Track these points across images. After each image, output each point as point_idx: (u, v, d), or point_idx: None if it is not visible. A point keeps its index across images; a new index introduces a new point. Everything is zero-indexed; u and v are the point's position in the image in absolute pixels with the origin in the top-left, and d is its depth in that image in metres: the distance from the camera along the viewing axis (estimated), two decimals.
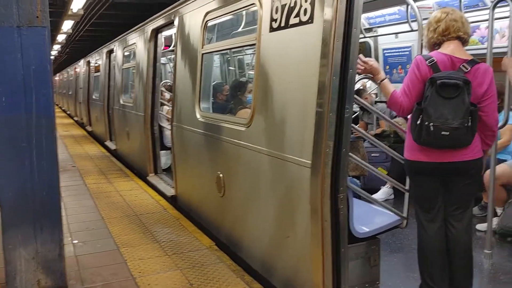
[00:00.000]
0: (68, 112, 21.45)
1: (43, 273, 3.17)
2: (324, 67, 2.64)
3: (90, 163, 8.58)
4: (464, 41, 2.90)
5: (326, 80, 2.62)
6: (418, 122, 2.77)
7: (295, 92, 2.98)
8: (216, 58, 8.03)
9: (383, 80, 3.02)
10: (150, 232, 4.51)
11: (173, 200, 5.65)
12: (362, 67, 3.00)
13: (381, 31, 7.12)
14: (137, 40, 7.46)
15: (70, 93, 19.97)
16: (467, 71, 2.75)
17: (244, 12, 3.95)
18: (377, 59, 7.30)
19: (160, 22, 6.12)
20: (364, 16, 6.31)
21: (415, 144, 2.87)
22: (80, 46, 20.66)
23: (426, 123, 2.72)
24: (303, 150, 2.84)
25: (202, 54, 4.57)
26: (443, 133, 2.68)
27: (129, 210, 5.32)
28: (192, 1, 4.80)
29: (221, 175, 4.10)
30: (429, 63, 2.79)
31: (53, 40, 16.33)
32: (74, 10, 9.90)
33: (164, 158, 6.91)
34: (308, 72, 2.81)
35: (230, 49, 4.81)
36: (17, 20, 2.92)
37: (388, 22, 6.51)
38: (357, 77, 2.95)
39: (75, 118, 18.12)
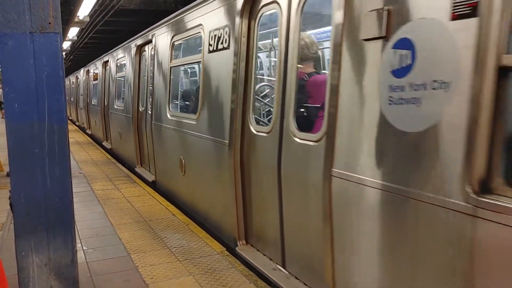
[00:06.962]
0: (70, 118, 22.65)
1: (56, 279, 3.10)
2: (235, 75, 3.97)
3: (96, 169, 8.65)
4: None
5: (237, 85, 3.96)
6: None
7: (222, 95, 4.35)
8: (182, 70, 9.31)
9: None
10: (160, 238, 4.52)
11: (153, 184, 7.02)
12: None
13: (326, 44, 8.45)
14: (126, 54, 8.86)
15: (72, 99, 21.40)
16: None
17: (197, 37, 5.32)
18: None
19: (143, 40, 7.52)
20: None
21: None
22: (84, 53, 20.94)
23: None
24: (225, 134, 4.20)
25: (171, 67, 5.95)
26: None
27: (138, 216, 5.33)
28: (164, 26, 6.21)
29: (182, 158, 5.45)
30: None
31: None
32: (81, 17, 9.96)
33: None
34: (227, 81, 4.17)
35: (187, 64, 6.23)
36: (30, 27, 2.85)
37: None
38: None
39: (77, 123, 19.47)
